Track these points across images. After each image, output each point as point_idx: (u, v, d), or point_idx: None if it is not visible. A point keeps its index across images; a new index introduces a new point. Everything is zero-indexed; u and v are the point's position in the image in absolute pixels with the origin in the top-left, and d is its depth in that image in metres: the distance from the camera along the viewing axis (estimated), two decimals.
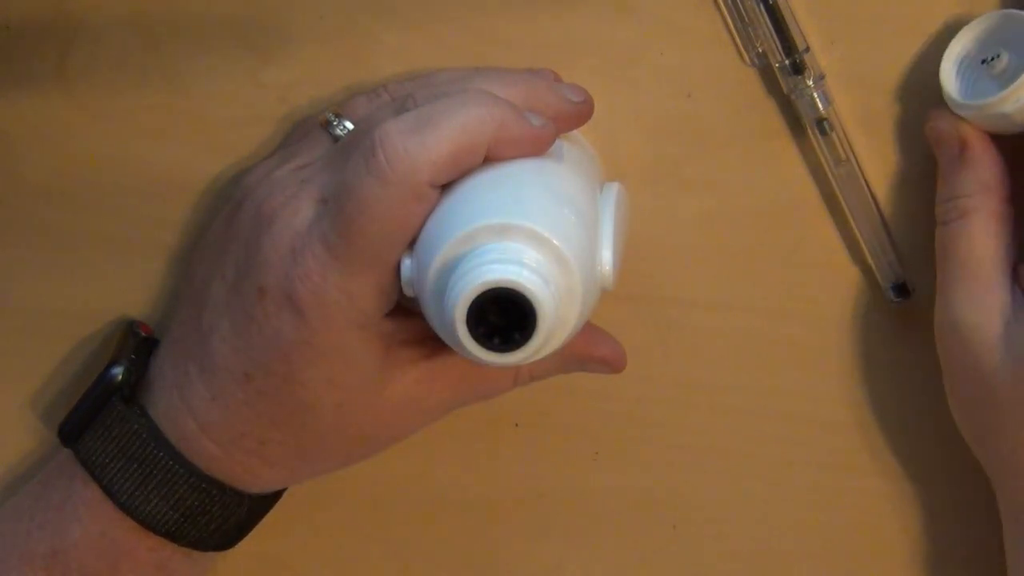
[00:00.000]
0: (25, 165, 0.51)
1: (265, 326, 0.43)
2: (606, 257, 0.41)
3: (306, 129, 0.48)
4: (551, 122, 0.43)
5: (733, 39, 0.49)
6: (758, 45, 0.49)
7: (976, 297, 0.44)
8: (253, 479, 0.46)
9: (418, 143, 0.40)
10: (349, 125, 0.46)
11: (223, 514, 0.46)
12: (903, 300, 0.49)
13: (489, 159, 0.42)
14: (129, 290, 0.51)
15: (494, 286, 0.37)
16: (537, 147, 0.42)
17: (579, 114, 0.46)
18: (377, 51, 0.50)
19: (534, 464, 0.52)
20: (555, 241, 0.39)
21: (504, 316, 0.38)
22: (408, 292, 0.42)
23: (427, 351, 0.45)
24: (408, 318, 0.45)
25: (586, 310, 0.41)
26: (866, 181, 0.48)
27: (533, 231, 0.39)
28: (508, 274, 0.37)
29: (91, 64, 0.50)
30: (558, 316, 0.38)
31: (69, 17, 0.50)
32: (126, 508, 0.45)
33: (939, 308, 0.46)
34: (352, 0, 0.50)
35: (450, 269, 0.39)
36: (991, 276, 0.44)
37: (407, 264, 0.41)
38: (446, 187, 0.41)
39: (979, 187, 0.45)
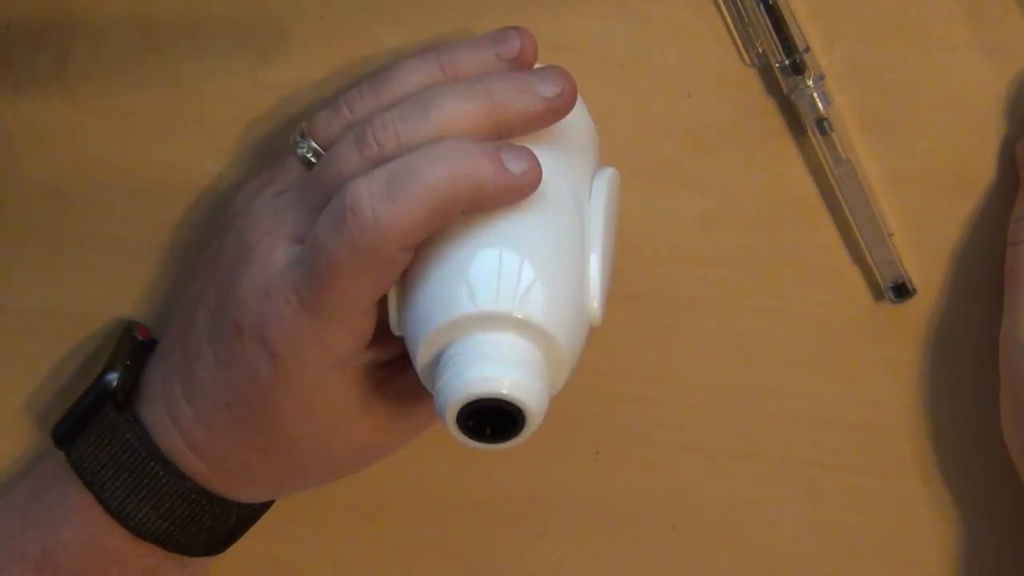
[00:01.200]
0: (25, 165, 0.51)
1: (243, 362, 0.43)
2: (594, 307, 0.42)
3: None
4: (533, 166, 0.40)
5: (733, 39, 0.49)
6: (758, 45, 0.49)
7: None
8: (240, 494, 0.46)
9: (389, 212, 0.39)
10: (315, 146, 0.44)
11: (212, 523, 0.46)
12: (903, 300, 0.49)
13: (468, 212, 0.41)
14: (129, 291, 0.51)
15: (480, 397, 0.38)
16: (517, 197, 0.41)
17: (555, 110, 0.42)
18: (377, 51, 0.50)
19: (534, 464, 0.52)
20: (540, 323, 0.39)
21: (494, 413, 0.39)
22: (396, 332, 0.42)
23: (405, 368, 0.45)
24: (384, 345, 0.45)
25: (574, 359, 0.41)
26: (866, 181, 0.48)
27: (517, 320, 0.39)
28: (493, 386, 0.38)
29: (91, 64, 0.50)
30: (545, 404, 0.39)
31: (69, 17, 0.50)
32: (116, 515, 0.45)
33: (1006, 327, 0.46)
34: (352, 0, 0.50)
35: (435, 360, 0.40)
36: None
37: (392, 303, 0.42)
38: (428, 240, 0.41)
39: None
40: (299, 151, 0.44)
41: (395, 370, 0.45)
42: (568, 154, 0.44)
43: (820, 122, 0.48)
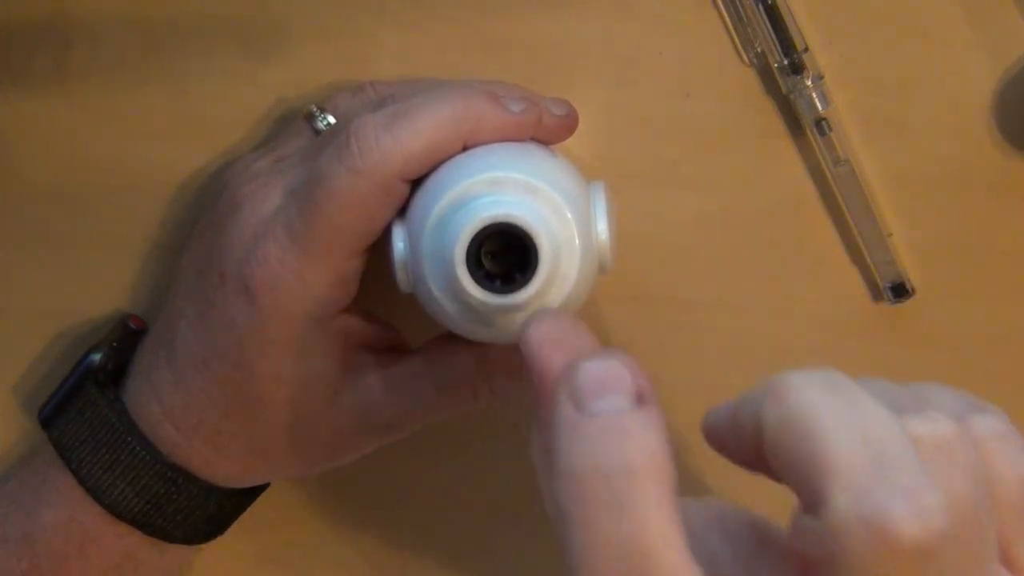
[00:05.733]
0: (23, 165, 0.51)
1: (223, 312, 0.43)
2: (601, 229, 0.40)
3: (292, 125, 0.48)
4: (532, 104, 0.43)
5: (732, 39, 0.49)
6: (757, 45, 0.49)
7: None
8: (212, 471, 0.46)
9: (391, 137, 0.40)
10: (331, 119, 0.46)
11: (189, 505, 0.46)
12: (902, 300, 0.49)
13: (471, 146, 0.42)
14: (128, 290, 0.51)
15: (493, 222, 0.36)
16: (519, 132, 0.42)
17: (560, 127, 0.44)
18: (376, 51, 0.50)
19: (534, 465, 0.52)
20: (550, 192, 0.38)
21: (504, 263, 0.37)
22: (400, 269, 0.41)
23: (386, 360, 0.45)
24: (370, 322, 0.45)
25: (584, 276, 0.40)
26: (865, 181, 0.49)
27: (528, 182, 0.38)
28: (507, 208, 0.36)
29: (89, 64, 0.50)
30: (558, 261, 0.38)
31: (68, 17, 0.50)
32: (93, 493, 0.45)
33: None
34: (352, 0, 0.50)
35: (446, 222, 0.38)
36: None
37: (398, 231, 0.41)
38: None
39: None
40: (317, 123, 0.46)
41: (369, 363, 0.45)
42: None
43: (819, 122, 0.48)
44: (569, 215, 0.39)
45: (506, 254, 0.37)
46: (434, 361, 0.45)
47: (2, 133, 0.51)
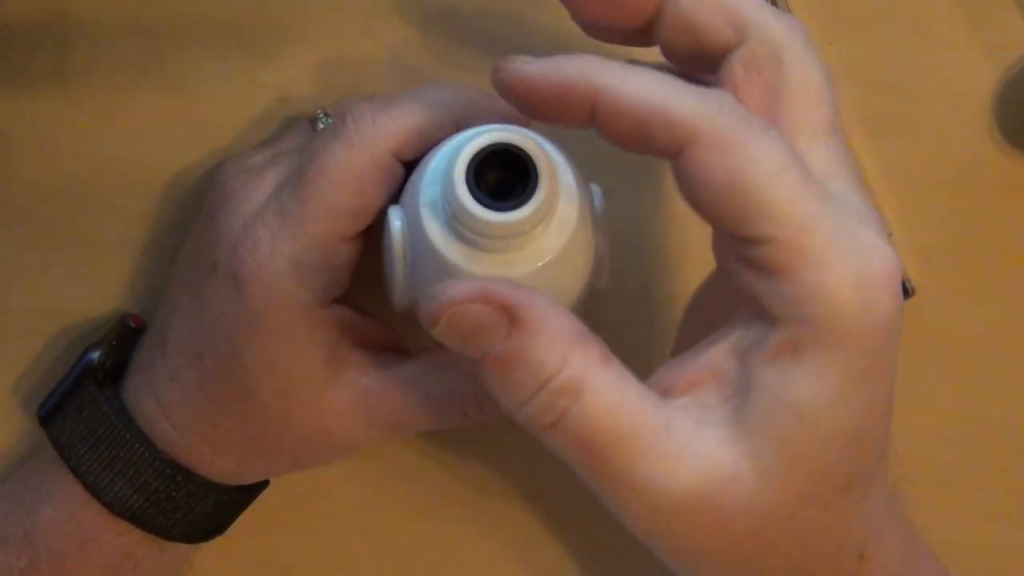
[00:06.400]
0: (23, 165, 0.51)
1: (214, 304, 0.43)
2: (598, 204, 0.40)
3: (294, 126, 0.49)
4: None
5: None
6: None
7: None
8: (210, 467, 0.46)
9: (386, 116, 0.41)
10: None
11: (188, 502, 0.46)
12: (903, 300, 0.49)
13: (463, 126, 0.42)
14: (128, 289, 0.51)
15: (491, 142, 0.36)
16: (509, 119, 0.42)
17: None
18: (376, 51, 0.50)
19: (534, 464, 0.52)
20: (546, 146, 0.38)
21: (502, 192, 0.37)
22: (397, 256, 0.40)
23: (382, 361, 0.45)
24: (366, 320, 0.45)
25: (582, 240, 0.39)
26: (865, 181, 0.49)
27: (526, 132, 0.38)
28: (506, 133, 0.37)
29: (90, 64, 0.50)
30: (556, 194, 0.37)
31: (68, 17, 0.50)
32: (92, 489, 0.45)
33: None
34: (351, 1, 0.50)
35: (443, 166, 0.38)
36: None
37: (394, 211, 0.40)
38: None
39: None
40: (319, 126, 0.46)
41: (362, 363, 0.45)
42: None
43: None
44: (567, 166, 0.39)
45: (504, 183, 0.37)
46: (428, 371, 0.45)
47: (2, 133, 0.51)
